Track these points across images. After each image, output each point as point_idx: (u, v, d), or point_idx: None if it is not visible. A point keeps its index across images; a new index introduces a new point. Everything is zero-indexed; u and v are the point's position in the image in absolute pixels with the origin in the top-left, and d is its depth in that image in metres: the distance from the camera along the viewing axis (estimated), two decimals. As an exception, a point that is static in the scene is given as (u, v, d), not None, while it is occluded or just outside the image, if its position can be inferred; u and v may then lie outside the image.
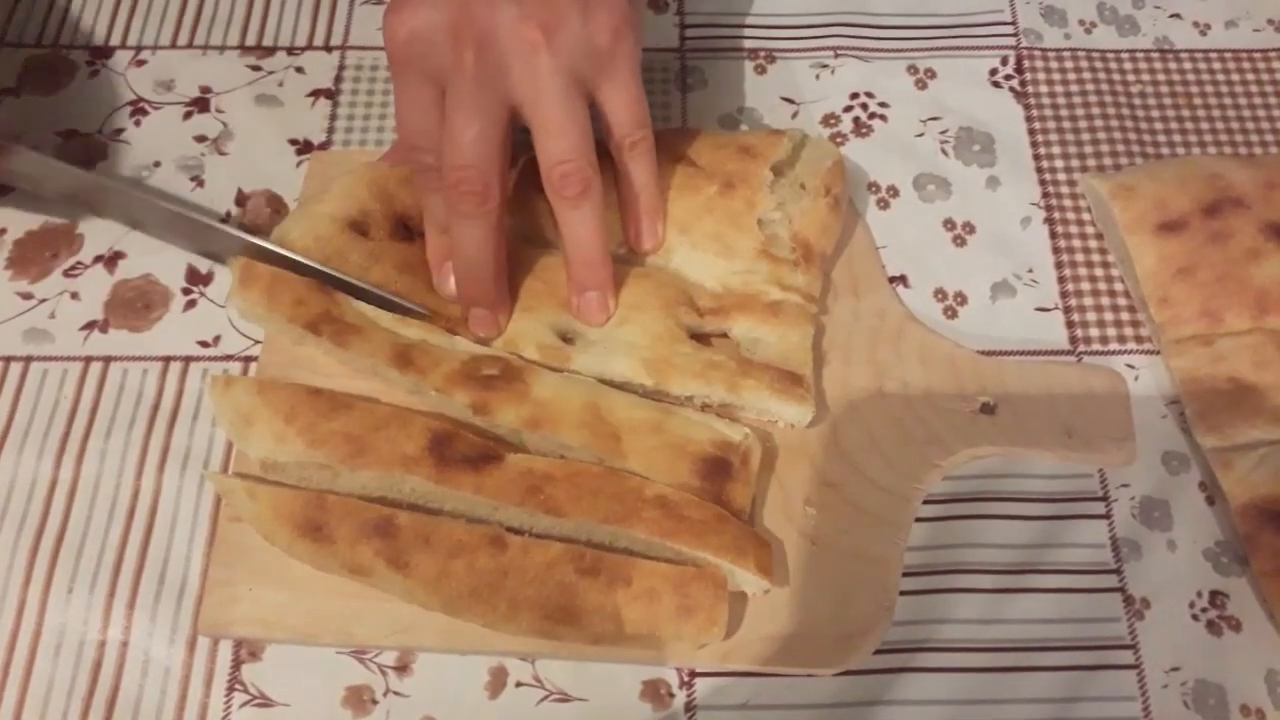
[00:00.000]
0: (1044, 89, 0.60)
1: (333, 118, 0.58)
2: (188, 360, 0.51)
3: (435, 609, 0.42)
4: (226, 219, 0.54)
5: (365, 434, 0.44)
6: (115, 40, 0.60)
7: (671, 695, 0.44)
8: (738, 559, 0.42)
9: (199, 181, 0.56)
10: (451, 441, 0.44)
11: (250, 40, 0.60)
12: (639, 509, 0.43)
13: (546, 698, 0.44)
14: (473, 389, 0.45)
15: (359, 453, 0.43)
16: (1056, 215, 0.56)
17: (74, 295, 0.52)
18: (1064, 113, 0.59)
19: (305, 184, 0.54)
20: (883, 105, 0.59)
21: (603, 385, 0.47)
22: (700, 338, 0.48)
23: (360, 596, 0.44)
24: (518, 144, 0.46)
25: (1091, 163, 0.57)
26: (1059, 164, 0.57)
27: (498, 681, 0.44)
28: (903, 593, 0.45)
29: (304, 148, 0.57)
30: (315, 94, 0.59)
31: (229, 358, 0.51)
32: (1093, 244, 0.55)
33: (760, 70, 0.60)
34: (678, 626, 0.42)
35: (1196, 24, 0.62)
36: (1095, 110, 0.59)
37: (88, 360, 0.51)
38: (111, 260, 0.53)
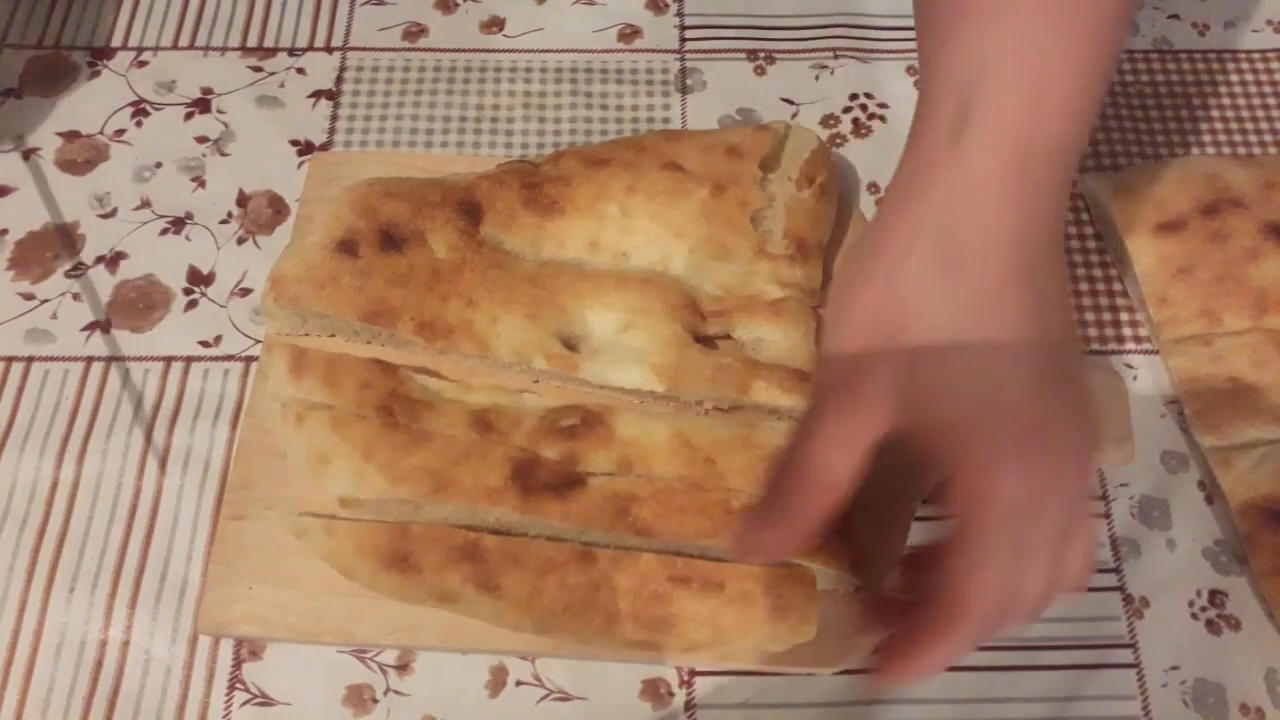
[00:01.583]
0: (1043, 90, 0.60)
1: (334, 118, 0.58)
2: (189, 360, 0.51)
3: (527, 629, 0.42)
4: (228, 220, 0.55)
5: (446, 468, 0.43)
6: (117, 41, 0.60)
7: (671, 694, 0.44)
8: (831, 562, 0.42)
9: (200, 182, 0.56)
10: (534, 470, 0.43)
11: (251, 41, 0.60)
12: (727, 522, 0.43)
13: (546, 696, 0.44)
14: (558, 442, 0.45)
15: (441, 487, 0.43)
16: (1055, 215, 0.56)
17: (75, 296, 0.52)
18: (1063, 113, 0.59)
19: (306, 185, 0.54)
20: (882, 106, 0.59)
21: (679, 416, 0.46)
22: (705, 340, 0.48)
23: (361, 596, 0.44)
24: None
25: (1090, 163, 0.57)
26: (1058, 164, 0.57)
27: (498, 680, 0.44)
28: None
29: (305, 148, 0.57)
30: (316, 95, 0.59)
31: (230, 358, 0.51)
32: (1091, 244, 0.55)
33: (760, 71, 0.60)
34: (773, 628, 0.42)
35: (1195, 25, 0.62)
36: (1094, 111, 0.59)
37: (89, 361, 0.51)
38: (113, 261, 0.53)
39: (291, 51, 0.60)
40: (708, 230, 0.50)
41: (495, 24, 0.62)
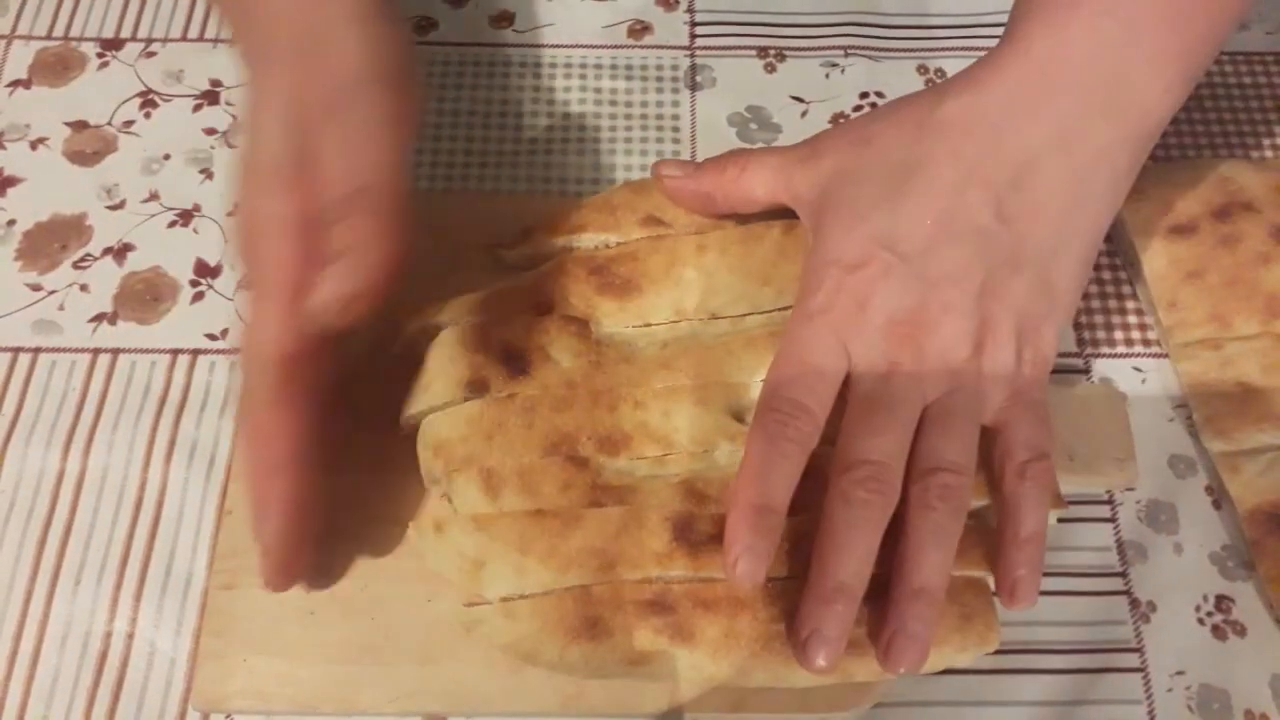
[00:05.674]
0: (1054, 90, 0.59)
1: (342, 112, 0.58)
2: (195, 353, 0.51)
3: (720, 678, 0.41)
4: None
5: (609, 544, 0.41)
6: (125, 32, 0.60)
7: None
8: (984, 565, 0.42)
9: (208, 174, 0.56)
10: (692, 524, 0.42)
11: (260, 34, 0.60)
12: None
13: (555, 756, 0.43)
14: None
15: (610, 564, 0.41)
16: (1066, 217, 0.56)
17: (83, 287, 0.52)
18: (1074, 114, 0.59)
19: None
20: (892, 105, 0.59)
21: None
22: None
23: (360, 663, 0.42)
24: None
25: (1101, 165, 0.57)
26: (1069, 166, 0.57)
27: (505, 735, 0.43)
28: (908, 593, 0.45)
29: (313, 142, 0.57)
30: (325, 88, 0.58)
31: (237, 350, 0.51)
32: (1101, 246, 0.55)
33: (770, 69, 0.60)
34: (961, 638, 0.41)
35: (1208, 26, 0.62)
36: (1106, 112, 0.59)
37: (96, 352, 0.51)
38: (120, 252, 0.53)
39: (300, 44, 0.60)
40: (790, 269, 0.48)
41: (505, 19, 0.61)
